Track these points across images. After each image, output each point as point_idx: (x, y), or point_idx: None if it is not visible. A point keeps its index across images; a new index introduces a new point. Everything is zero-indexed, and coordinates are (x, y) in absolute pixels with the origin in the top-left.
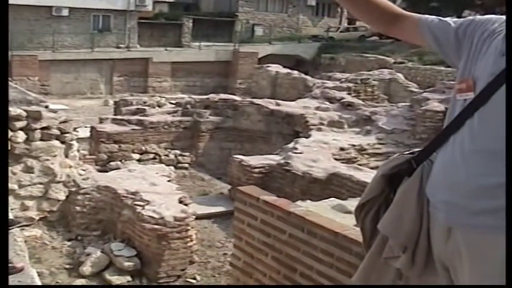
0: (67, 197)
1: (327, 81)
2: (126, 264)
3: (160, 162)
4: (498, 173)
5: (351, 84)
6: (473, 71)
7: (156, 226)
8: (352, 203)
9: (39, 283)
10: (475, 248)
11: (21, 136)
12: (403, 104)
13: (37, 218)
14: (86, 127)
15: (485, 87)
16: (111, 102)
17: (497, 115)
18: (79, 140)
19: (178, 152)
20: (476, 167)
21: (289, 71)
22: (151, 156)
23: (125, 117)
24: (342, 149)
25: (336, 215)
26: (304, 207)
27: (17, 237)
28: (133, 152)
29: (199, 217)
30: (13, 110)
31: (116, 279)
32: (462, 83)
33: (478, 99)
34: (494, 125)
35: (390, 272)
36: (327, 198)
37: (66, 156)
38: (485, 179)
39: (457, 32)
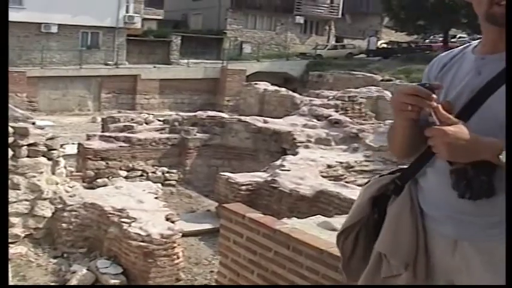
0: (53, 214)
1: (314, 99)
2: (112, 281)
3: (148, 179)
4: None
5: (338, 102)
6: (446, 95)
7: (142, 243)
8: (338, 220)
9: None
10: (487, 257)
11: None
12: (391, 121)
13: (22, 235)
14: (73, 144)
15: (466, 104)
16: (98, 119)
17: (481, 132)
18: (66, 156)
19: (165, 169)
20: None
21: (277, 88)
22: (139, 173)
23: (113, 134)
24: (329, 166)
25: (322, 233)
26: (290, 225)
27: None
28: (121, 169)
29: (186, 234)
30: None
31: None
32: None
33: (460, 116)
34: None
35: None
36: (314, 215)
37: (53, 173)
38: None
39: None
